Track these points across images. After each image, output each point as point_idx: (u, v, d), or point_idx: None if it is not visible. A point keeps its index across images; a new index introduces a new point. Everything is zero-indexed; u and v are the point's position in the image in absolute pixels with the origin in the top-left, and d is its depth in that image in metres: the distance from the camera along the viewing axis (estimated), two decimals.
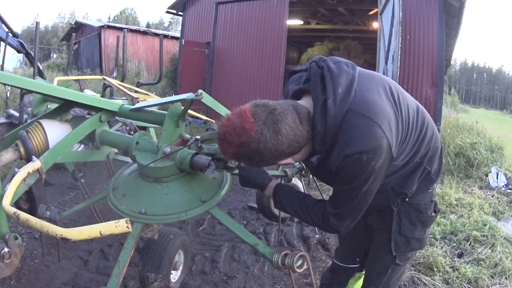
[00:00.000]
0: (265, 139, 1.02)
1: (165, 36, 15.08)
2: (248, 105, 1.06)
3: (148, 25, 48.32)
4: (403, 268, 1.55)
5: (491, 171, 5.08)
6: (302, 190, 2.32)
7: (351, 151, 1.07)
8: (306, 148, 1.14)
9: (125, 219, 1.16)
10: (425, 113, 1.36)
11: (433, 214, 1.45)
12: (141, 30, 18.39)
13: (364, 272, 1.73)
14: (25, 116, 4.08)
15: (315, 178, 2.47)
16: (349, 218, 1.23)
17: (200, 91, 1.66)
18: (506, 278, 2.52)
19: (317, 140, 1.12)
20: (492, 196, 4.44)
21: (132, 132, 2.02)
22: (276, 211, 2.41)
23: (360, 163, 1.08)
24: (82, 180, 2.72)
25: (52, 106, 2.65)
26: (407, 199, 1.38)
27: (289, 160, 1.13)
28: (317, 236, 3.00)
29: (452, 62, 18.66)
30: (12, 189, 1.46)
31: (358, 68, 1.20)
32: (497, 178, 4.92)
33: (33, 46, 4.59)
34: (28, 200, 2.21)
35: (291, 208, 1.35)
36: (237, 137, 1.03)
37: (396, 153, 1.19)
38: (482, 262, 2.70)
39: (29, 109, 3.81)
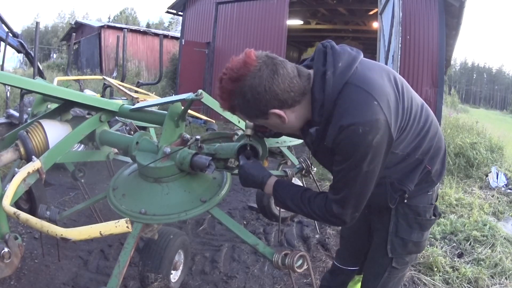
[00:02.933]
0: (261, 75, 1.08)
1: (165, 36, 15.11)
2: (253, 50, 1.13)
3: (148, 25, 48.39)
4: (401, 272, 1.51)
5: (491, 171, 5.08)
6: None
7: (346, 122, 1.08)
8: (301, 109, 1.16)
9: (125, 219, 1.16)
10: (429, 111, 1.35)
11: (432, 217, 1.42)
12: (141, 30, 18.42)
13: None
14: (25, 116, 4.08)
15: (315, 178, 2.47)
16: (351, 204, 1.19)
17: (200, 91, 1.66)
18: (506, 278, 2.52)
19: (316, 109, 1.14)
20: (492, 196, 4.44)
21: (132, 132, 2.02)
22: (276, 211, 2.41)
23: (356, 136, 1.07)
24: (82, 180, 2.73)
25: (52, 106, 2.65)
26: (405, 200, 1.35)
27: (281, 113, 1.13)
28: (317, 236, 3.00)
29: (452, 62, 18.67)
30: (12, 189, 1.46)
31: (364, 58, 1.22)
32: (497, 178, 4.92)
33: (33, 46, 4.58)
34: (28, 200, 2.20)
35: (292, 202, 1.31)
36: (237, 71, 1.10)
37: (396, 137, 1.18)
38: (482, 262, 2.70)
39: (29, 109, 3.80)
